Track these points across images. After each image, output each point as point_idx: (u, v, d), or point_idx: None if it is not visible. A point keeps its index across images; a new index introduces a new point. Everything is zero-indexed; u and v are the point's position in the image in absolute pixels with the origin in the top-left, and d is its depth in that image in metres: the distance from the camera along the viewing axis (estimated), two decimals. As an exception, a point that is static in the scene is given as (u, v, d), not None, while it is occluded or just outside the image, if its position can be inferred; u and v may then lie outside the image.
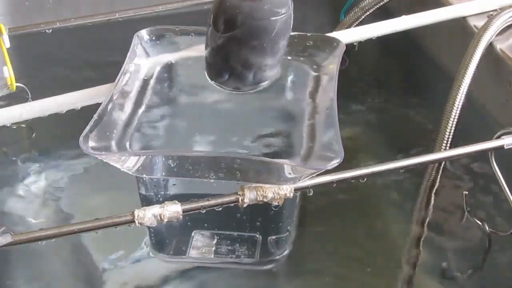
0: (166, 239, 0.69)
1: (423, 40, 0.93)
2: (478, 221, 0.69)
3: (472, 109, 0.78)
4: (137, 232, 0.70)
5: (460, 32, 0.83)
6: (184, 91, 0.66)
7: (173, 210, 0.55)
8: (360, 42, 0.79)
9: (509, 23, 0.79)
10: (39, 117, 0.71)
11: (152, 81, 0.65)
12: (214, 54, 0.62)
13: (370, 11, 0.92)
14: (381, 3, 0.92)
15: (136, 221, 0.55)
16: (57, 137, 0.85)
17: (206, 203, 0.56)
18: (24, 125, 0.82)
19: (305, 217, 0.72)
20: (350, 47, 0.78)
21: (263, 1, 0.59)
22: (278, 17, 0.59)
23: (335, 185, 0.58)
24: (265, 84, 0.63)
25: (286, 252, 0.69)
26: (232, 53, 0.60)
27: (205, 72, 0.64)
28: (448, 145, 0.73)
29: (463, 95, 0.74)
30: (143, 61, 0.67)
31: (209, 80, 0.63)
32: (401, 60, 0.98)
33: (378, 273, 0.68)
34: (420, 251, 0.71)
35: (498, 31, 0.78)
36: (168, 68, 0.68)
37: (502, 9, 0.81)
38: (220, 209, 0.57)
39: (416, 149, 0.79)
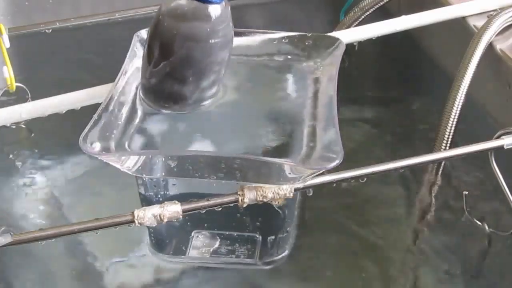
0: (166, 239, 0.69)
1: (423, 40, 0.93)
2: (478, 221, 0.69)
3: (472, 109, 0.78)
4: (136, 232, 0.70)
5: (460, 32, 0.83)
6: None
7: (173, 210, 0.55)
8: (360, 42, 0.79)
9: (509, 23, 0.79)
10: (39, 117, 0.71)
11: (152, 81, 0.65)
12: (149, 78, 0.60)
13: (370, 11, 0.92)
14: (381, 3, 0.92)
15: (136, 221, 0.55)
16: (57, 137, 0.85)
17: (206, 203, 0.56)
18: (24, 125, 0.82)
19: (305, 217, 0.72)
20: (350, 47, 0.78)
21: (198, 22, 0.56)
22: (217, 40, 0.57)
23: (335, 185, 0.58)
24: (206, 103, 0.61)
25: (286, 253, 0.69)
26: (168, 78, 0.59)
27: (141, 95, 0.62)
28: (448, 145, 0.73)
29: (463, 95, 0.74)
30: (143, 61, 0.67)
31: (147, 104, 0.61)
32: (401, 60, 0.98)
33: (378, 274, 0.68)
34: (420, 249, 0.71)
35: (498, 31, 0.78)
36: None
37: (502, 9, 0.81)
38: (220, 209, 0.57)
39: (416, 149, 0.79)
